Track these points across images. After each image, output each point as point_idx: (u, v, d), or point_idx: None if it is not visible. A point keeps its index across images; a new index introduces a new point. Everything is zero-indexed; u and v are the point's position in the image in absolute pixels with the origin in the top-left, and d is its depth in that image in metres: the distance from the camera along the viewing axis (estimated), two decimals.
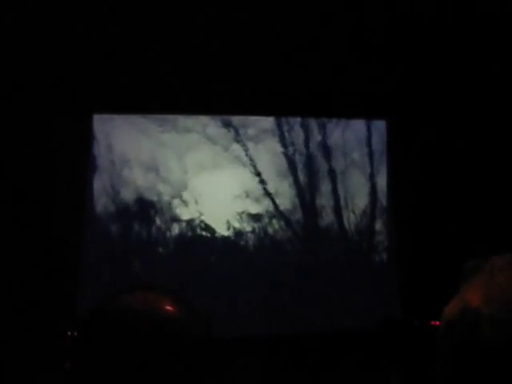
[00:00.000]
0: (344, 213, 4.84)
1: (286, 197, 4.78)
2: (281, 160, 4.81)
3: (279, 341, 4.40)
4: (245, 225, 4.71)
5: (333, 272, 4.72)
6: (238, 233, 4.70)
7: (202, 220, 4.65)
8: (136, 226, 4.60)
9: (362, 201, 4.87)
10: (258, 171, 4.76)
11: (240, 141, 4.77)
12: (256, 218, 4.73)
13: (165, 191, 4.64)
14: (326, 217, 4.82)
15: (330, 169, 4.85)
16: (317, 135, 4.87)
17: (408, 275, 4.60)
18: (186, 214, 4.65)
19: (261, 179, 4.75)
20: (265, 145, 4.80)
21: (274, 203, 4.75)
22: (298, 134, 4.85)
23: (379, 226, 4.87)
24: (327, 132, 4.87)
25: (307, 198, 4.81)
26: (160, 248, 4.62)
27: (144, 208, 4.61)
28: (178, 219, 4.64)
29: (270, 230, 4.75)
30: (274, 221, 4.75)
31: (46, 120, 4.33)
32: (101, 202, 4.55)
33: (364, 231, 4.86)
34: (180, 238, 4.63)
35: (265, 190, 4.75)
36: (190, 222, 4.65)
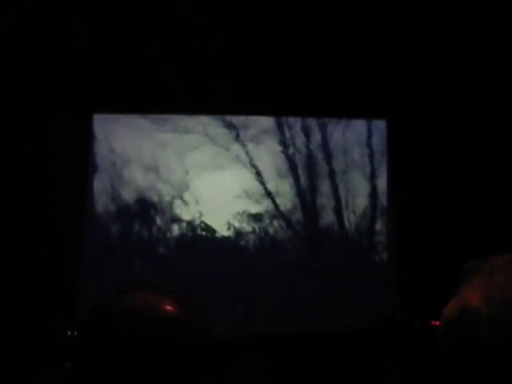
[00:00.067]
0: (344, 213, 4.84)
1: (287, 197, 4.78)
2: (281, 160, 4.81)
3: (279, 341, 4.40)
4: (245, 225, 4.71)
5: (333, 272, 4.72)
6: (239, 233, 4.70)
7: (203, 220, 4.65)
8: (136, 226, 4.60)
9: (362, 201, 4.87)
10: (259, 171, 4.76)
11: (240, 141, 4.77)
12: (256, 218, 4.73)
13: (165, 191, 4.64)
14: (327, 217, 4.82)
15: (331, 169, 4.85)
16: (317, 135, 4.87)
17: (408, 275, 4.60)
18: (187, 214, 4.65)
19: (261, 179, 4.75)
20: (265, 145, 4.80)
21: (275, 203, 4.75)
22: (299, 134, 4.85)
23: (379, 226, 4.87)
24: (327, 132, 4.87)
25: (307, 198, 4.81)
26: (160, 248, 4.62)
27: (144, 208, 4.61)
28: (179, 219, 4.64)
29: (271, 230, 4.75)
30: (275, 221, 4.75)
31: (46, 120, 4.33)
32: (101, 202, 4.54)
33: (364, 231, 4.86)
34: (180, 238, 4.63)
35: (265, 190, 4.75)
36: (191, 222, 4.65)
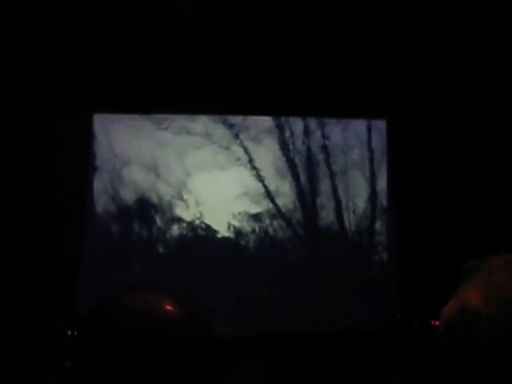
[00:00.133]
0: (344, 213, 4.84)
1: (287, 197, 4.78)
2: (281, 160, 4.81)
3: (279, 341, 4.40)
4: (245, 225, 4.71)
5: (333, 272, 4.72)
6: (239, 233, 4.70)
7: (203, 220, 4.65)
8: (136, 226, 4.60)
9: (362, 201, 4.87)
10: (259, 171, 4.76)
11: (240, 141, 4.77)
12: (256, 218, 4.73)
13: (165, 191, 4.64)
14: (326, 217, 4.81)
15: (330, 169, 4.85)
16: (317, 135, 4.87)
17: (408, 275, 4.60)
18: (187, 214, 4.65)
19: (261, 179, 4.75)
20: (265, 145, 4.80)
21: (274, 203, 4.75)
22: (298, 134, 4.85)
23: (379, 226, 4.87)
24: (327, 132, 4.87)
25: (307, 198, 4.81)
26: (160, 248, 4.62)
27: (144, 208, 4.61)
28: (179, 219, 4.64)
29: (271, 230, 4.75)
30: (275, 221, 4.75)
31: (46, 120, 4.33)
32: (101, 202, 4.54)
33: (364, 231, 4.86)
34: (180, 238, 4.63)
35: (265, 190, 4.75)
36: (191, 222, 4.65)
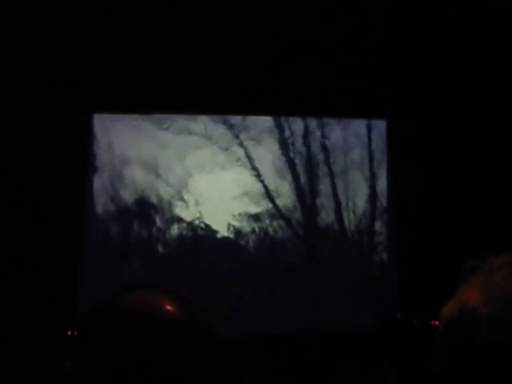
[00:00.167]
0: (344, 213, 4.84)
1: (286, 197, 4.78)
2: (281, 160, 4.81)
3: (279, 341, 4.40)
4: (245, 225, 4.71)
5: (333, 272, 4.72)
6: (238, 233, 4.70)
7: (202, 220, 4.65)
8: (136, 226, 4.60)
9: (362, 201, 4.87)
10: (258, 171, 4.76)
11: (240, 141, 4.77)
12: (256, 218, 4.73)
13: (165, 191, 4.64)
14: (326, 217, 4.81)
15: (330, 169, 4.85)
16: (317, 135, 4.87)
17: (408, 275, 4.60)
18: (186, 214, 4.65)
19: (261, 179, 4.75)
20: (265, 145, 4.80)
21: (274, 203, 4.75)
22: (298, 134, 4.85)
23: (379, 226, 4.87)
24: (327, 132, 4.87)
25: (307, 198, 4.81)
26: (160, 248, 4.62)
27: (144, 208, 4.61)
28: (178, 219, 4.64)
29: (270, 230, 4.75)
30: (274, 221, 4.75)
31: (46, 120, 4.33)
32: (101, 202, 4.54)
33: (364, 231, 4.86)
34: (180, 238, 4.63)
35: (265, 190, 4.75)
36: (190, 222, 4.65)
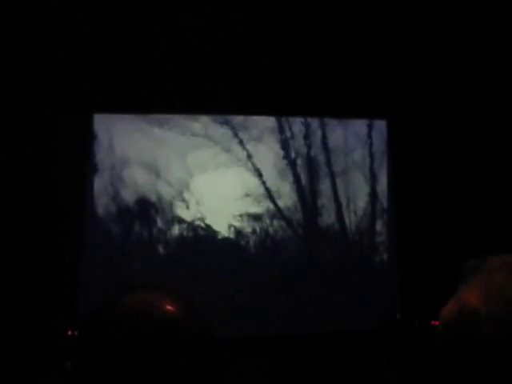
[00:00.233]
0: (345, 213, 4.84)
1: (287, 197, 4.78)
2: (281, 160, 4.81)
3: (279, 341, 4.40)
4: (245, 225, 4.71)
5: (333, 272, 4.72)
6: (239, 233, 4.70)
7: (203, 220, 4.65)
8: (136, 226, 4.60)
9: (363, 201, 4.87)
10: (259, 171, 4.76)
11: (241, 141, 4.77)
12: (257, 219, 4.73)
13: (165, 191, 4.64)
14: (327, 217, 4.81)
15: (331, 169, 4.85)
16: (317, 135, 4.87)
17: (408, 275, 4.60)
18: (187, 215, 4.65)
19: (261, 179, 4.75)
20: (265, 145, 4.80)
21: (275, 203, 4.75)
22: (299, 134, 4.85)
23: (379, 226, 4.87)
24: (328, 132, 4.87)
25: (308, 199, 4.81)
26: (161, 248, 4.62)
27: (144, 208, 4.61)
28: (179, 219, 4.64)
29: (271, 231, 4.75)
30: (275, 221, 4.75)
31: (46, 120, 4.33)
32: (101, 202, 4.54)
33: (364, 231, 4.86)
34: (181, 239, 4.63)
35: (265, 190, 4.75)
36: (191, 223, 4.65)
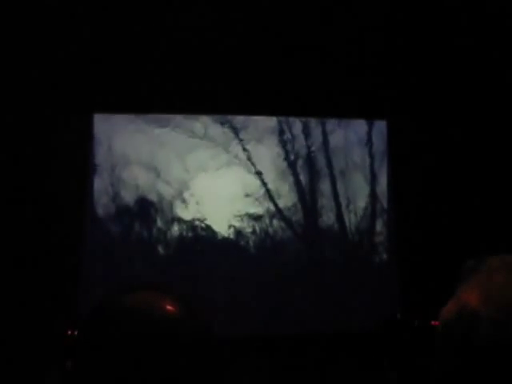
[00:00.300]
0: (344, 213, 4.84)
1: (287, 197, 4.78)
2: (281, 160, 4.81)
3: (279, 341, 4.40)
4: (245, 225, 4.71)
5: (333, 272, 4.72)
6: (239, 233, 4.70)
7: (203, 220, 4.65)
8: (136, 226, 4.60)
9: (363, 201, 4.87)
10: (259, 171, 4.76)
11: (240, 141, 4.77)
12: (256, 219, 4.73)
13: (165, 191, 4.64)
14: (327, 217, 4.81)
15: (331, 169, 4.85)
16: (317, 135, 4.87)
17: (408, 275, 4.60)
18: (187, 215, 4.65)
19: (261, 179, 4.75)
20: (265, 145, 4.80)
21: (275, 204, 4.75)
22: (299, 135, 4.85)
23: (379, 227, 4.87)
24: (328, 132, 4.87)
25: (308, 199, 4.81)
26: (160, 248, 4.62)
27: (144, 208, 4.61)
28: (179, 219, 4.64)
29: (271, 231, 4.74)
30: (275, 221, 4.75)
31: (46, 120, 4.33)
32: (101, 202, 4.54)
33: (364, 231, 4.86)
34: (180, 239, 4.63)
35: (265, 191, 4.75)
36: (191, 223, 4.65)
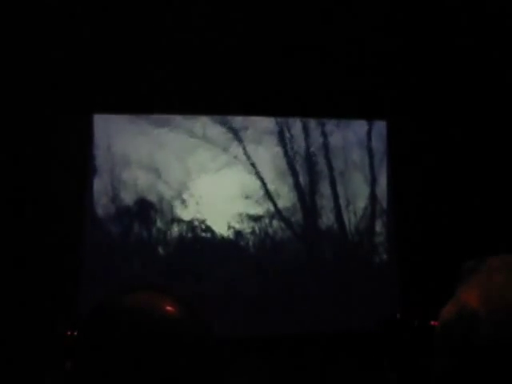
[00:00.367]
0: (344, 213, 4.84)
1: (286, 198, 4.78)
2: (281, 161, 4.81)
3: (279, 341, 4.40)
4: (245, 226, 4.71)
5: (333, 272, 4.72)
6: (239, 233, 4.70)
7: (203, 221, 4.65)
8: (136, 227, 4.60)
9: (363, 201, 4.87)
10: (258, 172, 4.76)
11: (240, 142, 4.76)
12: (256, 219, 4.73)
13: (165, 192, 4.64)
14: (327, 218, 4.81)
15: (331, 169, 4.85)
16: (317, 136, 4.87)
17: (408, 275, 4.60)
18: (187, 215, 4.65)
19: (261, 180, 4.75)
20: (265, 145, 4.79)
21: (274, 204, 4.75)
22: (298, 135, 4.85)
23: (379, 227, 4.87)
24: (327, 133, 4.87)
25: (307, 199, 4.81)
26: (160, 249, 4.62)
27: (144, 209, 4.61)
28: (179, 220, 4.64)
29: (270, 231, 4.74)
30: (275, 222, 4.75)
31: (46, 120, 4.33)
32: (101, 203, 4.54)
33: (364, 232, 4.86)
34: (180, 239, 4.63)
35: (265, 191, 4.75)
36: (191, 223, 4.65)
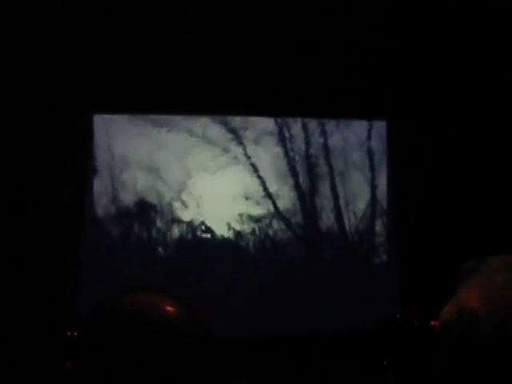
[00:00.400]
0: (344, 214, 4.84)
1: (287, 198, 4.78)
2: (281, 161, 4.81)
3: (279, 341, 4.40)
4: (245, 226, 4.70)
5: (333, 272, 4.72)
6: (239, 234, 4.70)
7: (203, 221, 4.65)
8: (136, 228, 4.60)
9: (363, 202, 4.87)
10: (259, 172, 4.76)
11: (240, 142, 4.76)
12: (256, 220, 4.73)
13: (165, 193, 4.64)
14: (327, 218, 4.81)
15: (331, 170, 4.85)
16: (317, 136, 4.87)
17: (408, 276, 4.60)
18: (187, 216, 4.65)
19: (261, 180, 4.75)
20: (265, 146, 4.79)
21: (274, 205, 4.75)
22: (298, 135, 4.85)
23: (379, 227, 4.87)
24: (327, 133, 4.87)
25: (307, 200, 4.81)
26: (160, 249, 4.62)
27: (144, 209, 4.61)
28: (179, 221, 4.64)
29: (271, 232, 4.74)
30: (275, 222, 4.75)
31: (46, 120, 4.33)
32: (101, 203, 4.54)
33: (364, 232, 4.86)
34: (180, 240, 4.63)
35: (265, 192, 4.75)
36: (191, 224, 4.64)
